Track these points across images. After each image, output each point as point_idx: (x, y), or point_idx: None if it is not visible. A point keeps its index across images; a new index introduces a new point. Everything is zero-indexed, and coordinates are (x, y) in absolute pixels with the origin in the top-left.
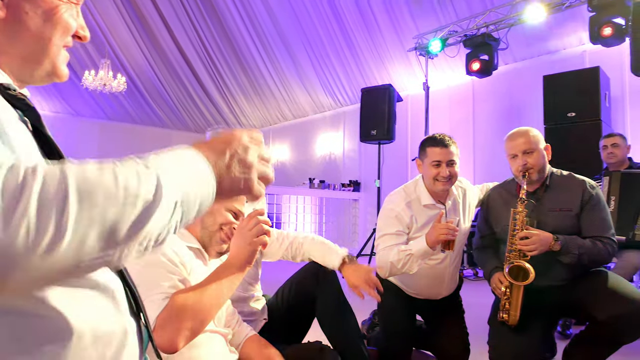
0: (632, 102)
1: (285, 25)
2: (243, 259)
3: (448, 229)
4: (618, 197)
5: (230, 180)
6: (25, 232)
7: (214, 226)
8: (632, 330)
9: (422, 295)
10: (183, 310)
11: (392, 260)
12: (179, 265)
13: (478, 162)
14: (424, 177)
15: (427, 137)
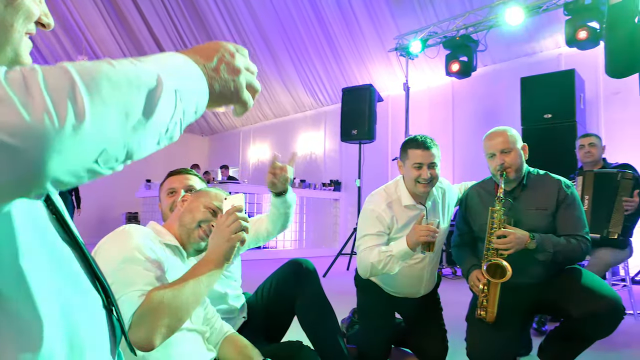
0: (606, 104)
1: (267, 24)
2: (221, 256)
3: (428, 231)
4: (591, 197)
5: (219, 84)
6: (48, 117)
7: (192, 224)
8: (605, 326)
9: (401, 294)
10: (160, 307)
11: (373, 261)
12: (156, 262)
13: (457, 162)
14: (405, 178)
15: (408, 139)
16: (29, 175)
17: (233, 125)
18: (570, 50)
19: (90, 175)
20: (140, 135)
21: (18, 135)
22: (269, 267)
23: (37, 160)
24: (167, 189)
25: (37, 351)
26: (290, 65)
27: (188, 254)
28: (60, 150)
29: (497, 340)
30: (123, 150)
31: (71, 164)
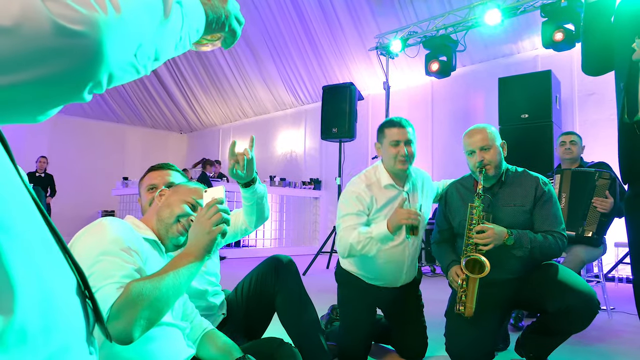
0: (581, 105)
1: (247, 21)
2: (202, 248)
3: (410, 214)
4: (568, 195)
5: (212, 11)
6: (94, 9)
7: (171, 218)
8: (580, 321)
9: (382, 282)
10: (139, 299)
11: (352, 241)
12: (134, 254)
13: (436, 161)
14: (384, 159)
15: (384, 121)
16: (92, 59)
17: (212, 122)
18: (546, 52)
19: (131, 72)
20: (164, 35)
21: (81, 22)
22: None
23: (98, 41)
24: (147, 184)
25: (7, 320)
26: (271, 63)
27: (166, 249)
28: (111, 36)
29: (476, 335)
30: (153, 48)
31: (119, 52)
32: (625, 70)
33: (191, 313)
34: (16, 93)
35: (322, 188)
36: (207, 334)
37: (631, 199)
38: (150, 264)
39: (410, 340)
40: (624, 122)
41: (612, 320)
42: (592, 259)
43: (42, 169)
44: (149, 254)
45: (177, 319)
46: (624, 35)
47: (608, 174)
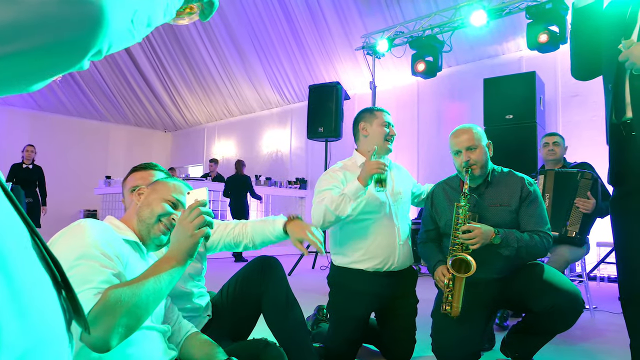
0: (564, 106)
1: (233, 19)
2: (184, 252)
3: (379, 164)
4: (552, 195)
5: None
6: None
7: (152, 218)
8: (565, 320)
9: (378, 260)
10: (117, 306)
11: (327, 203)
12: (114, 258)
13: (422, 161)
14: (372, 137)
15: (369, 107)
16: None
17: (197, 121)
18: (531, 53)
19: (128, 39)
20: (154, 3)
21: None
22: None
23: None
24: (130, 186)
25: None
26: (257, 62)
27: (148, 248)
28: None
29: (462, 335)
30: (146, 15)
31: (120, 18)
32: (613, 72)
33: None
34: (17, 62)
35: (308, 187)
36: (190, 337)
37: (618, 199)
38: (130, 267)
39: (399, 345)
40: (612, 123)
41: (595, 320)
42: (576, 258)
43: (30, 159)
44: (129, 256)
45: (157, 322)
46: (611, 38)
47: (590, 174)
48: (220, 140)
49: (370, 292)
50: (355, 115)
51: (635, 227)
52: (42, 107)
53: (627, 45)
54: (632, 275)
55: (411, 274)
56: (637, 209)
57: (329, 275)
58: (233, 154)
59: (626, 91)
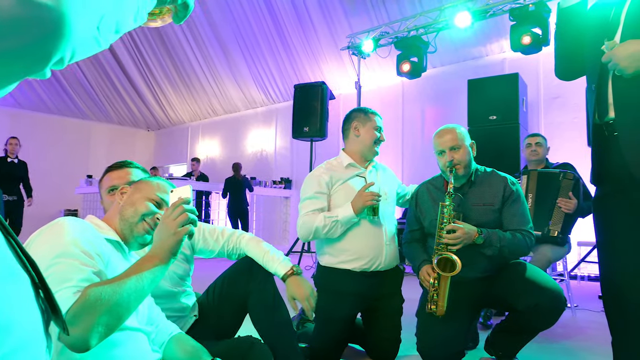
0: (546, 108)
1: (218, 18)
2: (167, 250)
3: (373, 196)
4: (534, 195)
5: None
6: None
7: (135, 217)
8: (548, 317)
9: (365, 260)
10: (97, 304)
11: (318, 225)
12: (95, 256)
13: (406, 161)
14: (362, 138)
15: (364, 107)
16: (56, 33)
17: (181, 120)
18: (514, 55)
19: (93, 47)
20: (123, 7)
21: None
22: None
23: (61, 13)
24: (107, 186)
25: None
26: (242, 61)
27: (130, 247)
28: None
29: (446, 335)
30: (114, 20)
31: (84, 25)
32: (596, 73)
33: (157, 317)
34: None
35: (292, 187)
36: (175, 338)
37: (600, 199)
38: (112, 266)
39: (384, 345)
40: (595, 123)
41: (576, 318)
42: (558, 257)
43: (14, 152)
44: (111, 255)
45: (142, 324)
46: (594, 39)
47: (572, 174)
48: (204, 139)
49: (357, 293)
50: (348, 112)
51: (617, 226)
52: (21, 104)
53: (610, 47)
54: (613, 273)
55: (397, 274)
56: (619, 208)
57: (315, 275)
58: (217, 154)
59: (609, 92)
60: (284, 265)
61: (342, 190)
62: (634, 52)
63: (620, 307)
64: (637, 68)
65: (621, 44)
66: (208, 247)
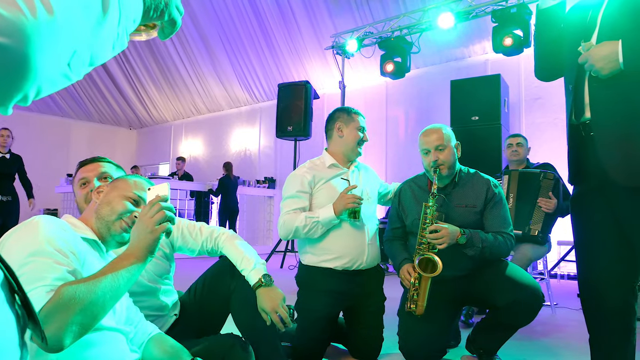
0: (527, 109)
1: (202, 16)
2: (144, 249)
3: (355, 199)
4: (515, 195)
5: None
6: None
7: (112, 216)
8: (526, 314)
9: (347, 259)
10: (71, 303)
11: (299, 225)
12: (70, 255)
13: (390, 161)
14: (346, 139)
15: (347, 107)
16: (17, 73)
17: (164, 119)
18: (496, 56)
19: (62, 82)
20: (100, 37)
21: (4, 30)
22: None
23: (23, 54)
24: (78, 180)
25: None
26: (226, 59)
27: (108, 247)
28: (40, 45)
29: (428, 333)
30: (88, 53)
31: (50, 63)
32: (573, 73)
33: (135, 317)
34: None
35: (276, 187)
36: (154, 338)
37: (577, 198)
38: (88, 266)
39: (366, 343)
40: (571, 123)
41: (555, 316)
42: (538, 256)
43: (5, 145)
44: (87, 254)
45: (120, 323)
46: (572, 41)
47: (552, 174)
48: (187, 138)
49: (339, 290)
50: (331, 112)
51: (594, 224)
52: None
53: (587, 48)
54: (590, 272)
55: (378, 273)
56: (596, 206)
57: (297, 274)
58: (200, 153)
59: (585, 92)
60: (256, 274)
61: (325, 190)
62: (609, 53)
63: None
64: (612, 69)
65: (597, 45)
66: (187, 245)
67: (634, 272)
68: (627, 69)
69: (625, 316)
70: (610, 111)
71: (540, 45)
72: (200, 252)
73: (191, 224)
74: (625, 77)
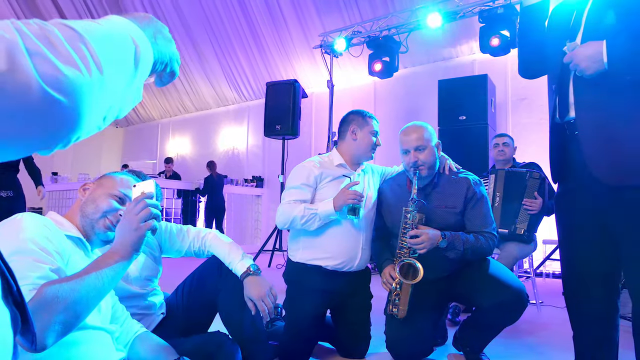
0: (514, 109)
1: (189, 14)
2: (129, 246)
3: (355, 195)
4: (502, 194)
5: (159, 51)
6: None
7: (96, 214)
8: (511, 314)
9: (339, 260)
10: (54, 302)
11: (297, 215)
12: (53, 253)
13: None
14: (359, 142)
15: (362, 110)
16: (69, 127)
17: (151, 117)
18: (483, 57)
19: (94, 130)
20: (127, 94)
21: (65, 89)
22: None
23: (77, 111)
24: None
25: None
26: (214, 58)
27: (93, 245)
28: (90, 102)
29: (415, 332)
30: (118, 107)
31: (94, 117)
32: (557, 73)
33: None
34: None
35: (264, 186)
36: (140, 337)
37: (560, 196)
38: (73, 264)
39: (355, 341)
40: (555, 122)
41: (541, 314)
42: (524, 255)
43: None
44: (71, 252)
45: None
46: (556, 40)
47: (538, 173)
48: (174, 137)
49: (327, 289)
50: (345, 114)
51: (577, 221)
52: None
53: (571, 48)
54: (574, 270)
55: (365, 272)
56: (580, 204)
57: (286, 272)
58: (188, 151)
59: (570, 92)
60: (243, 265)
61: (330, 187)
62: (594, 53)
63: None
64: (597, 69)
65: (582, 45)
66: (175, 247)
67: (617, 270)
68: (612, 69)
69: (609, 314)
70: (595, 110)
71: (524, 42)
72: (187, 253)
73: (178, 227)
74: (610, 76)
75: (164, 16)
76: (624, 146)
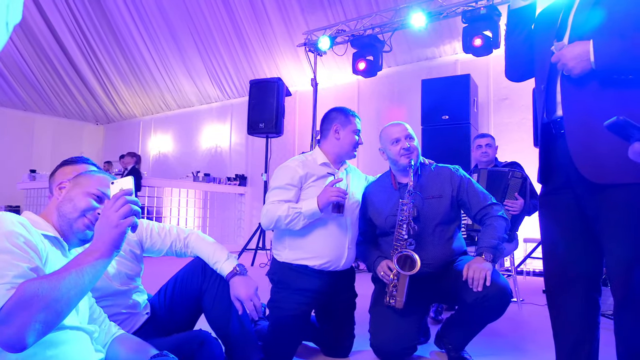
0: (495, 109)
1: (171, 10)
2: (109, 244)
3: (339, 192)
4: None
5: None
6: None
7: (74, 213)
8: (494, 310)
9: (324, 259)
10: (34, 300)
11: (281, 214)
12: (31, 252)
13: (361, 159)
14: (342, 141)
15: (347, 109)
16: None
17: (132, 114)
18: (465, 57)
19: None
20: None
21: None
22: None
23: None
24: (58, 181)
25: None
26: (196, 55)
27: (71, 244)
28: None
29: (399, 330)
30: None
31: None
32: (545, 73)
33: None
34: None
35: (247, 184)
36: (118, 338)
37: (546, 195)
38: (50, 263)
39: (338, 340)
40: (543, 121)
41: (522, 311)
42: (506, 253)
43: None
44: (49, 251)
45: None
46: (543, 40)
47: (519, 173)
48: (156, 134)
49: (313, 289)
50: (327, 112)
51: (562, 220)
52: None
53: (559, 48)
54: (556, 267)
55: (350, 272)
56: (563, 204)
57: (270, 271)
58: (170, 149)
59: (557, 91)
60: (229, 265)
61: (315, 187)
62: (581, 53)
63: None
64: (584, 68)
65: (569, 45)
66: (156, 246)
67: (599, 268)
68: (598, 68)
69: (590, 312)
70: (581, 109)
71: (511, 45)
72: (169, 252)
73: (160, 225)
74: (597, 76)
75: (146, 12)
76: (609, 144)
